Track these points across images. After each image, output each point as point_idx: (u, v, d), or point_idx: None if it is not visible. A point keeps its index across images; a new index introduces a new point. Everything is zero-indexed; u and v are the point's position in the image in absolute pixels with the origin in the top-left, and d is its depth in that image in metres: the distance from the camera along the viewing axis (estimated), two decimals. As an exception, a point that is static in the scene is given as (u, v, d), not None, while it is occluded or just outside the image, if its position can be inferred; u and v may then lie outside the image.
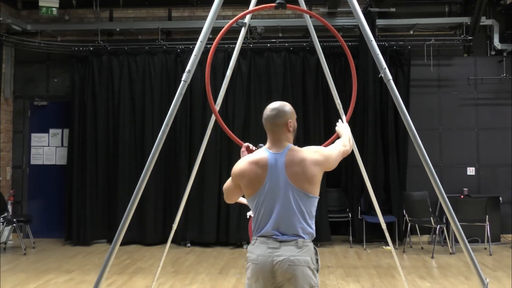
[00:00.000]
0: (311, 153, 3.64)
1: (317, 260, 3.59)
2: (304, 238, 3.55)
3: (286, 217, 3.56)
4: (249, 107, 11.65)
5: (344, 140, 4.06)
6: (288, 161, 3.60)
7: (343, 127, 4.33)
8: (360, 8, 4.60)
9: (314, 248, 3.60)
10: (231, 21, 4.98)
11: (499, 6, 11.97)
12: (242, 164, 3.74)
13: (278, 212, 3.58)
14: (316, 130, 11.50)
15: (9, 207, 11.70)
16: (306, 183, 3.56)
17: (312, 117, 11.54)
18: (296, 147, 3.71)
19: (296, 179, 3.56)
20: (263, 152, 3.73)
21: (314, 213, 3.67)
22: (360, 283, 8.26)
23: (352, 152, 6.27)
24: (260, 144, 6.39)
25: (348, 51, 5.31)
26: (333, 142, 4.52)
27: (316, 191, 3.63)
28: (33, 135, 12.67)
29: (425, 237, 11.64)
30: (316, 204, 3.66)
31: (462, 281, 8.35)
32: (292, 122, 3.75)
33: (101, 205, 11.77)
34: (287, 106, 3.82)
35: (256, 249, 3.59)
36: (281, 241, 3.52)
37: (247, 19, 5.95)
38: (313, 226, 3.65)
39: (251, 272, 3.58)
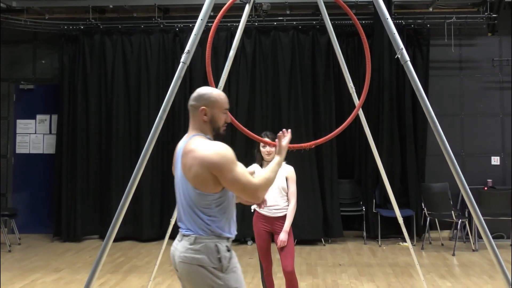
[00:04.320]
0: (204, 149, 3.53)
1: (219, 259, 3.52)
2: (199, 234, 3.55)
3: (183, 209, 3.66)
4: (253, 91, 11.64)
5: (264, 172, 3.74)
6: (184, 150, 3.64)
7: (282, 148, 3.97)
8: (375, -18, 4.58)
9: (215, 246, 3.53)
10: (233, -3, 4.96)
11: (527, -20, 11.92)
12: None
13: (179, 204, 3.71)
14: (327, 116, 11.49)
15: (-7, 200, 11.76)
16: (190, 178, 3.57)
17: (322, 102, 11.52)
18: (200, 139, 3.64)
19: (186, 171, 3.60)
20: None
21: (213, 208, 3.56)
22: (375, 283, 8.27)
23: (366, 140, 6.27)
24: (265, 132, 6.40)
25: (361, 30, 5.30)
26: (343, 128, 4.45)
27: (205, 188, 3.53)
28: (18, 121, 12.68)
29: (446, 233, 11.65)
30: (212, 199, 3.54)
31: (486, 281, 8.35)
32: (209, 112, 3.70)
33: (93, 198, 11.80)
34: (211, 93, 3.80)
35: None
36: (183, 235, 3.61)
37: (251, -5, 5.94)
38: (218, 223, 3.56)
39: None
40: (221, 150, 3.50)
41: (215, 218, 3.55)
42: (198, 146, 3.55)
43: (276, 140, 4.00)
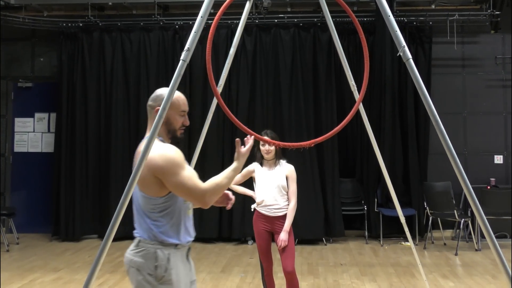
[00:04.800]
0: (151, 151, 3.45)
1: (155, 266, 3.47)
2: (144, 238, 3.57)
3: (134, 211, 3.67)
4: (254, 89, 11.64)
5: (216, 178, 3.66)
6: (137, 151, 3.66)
7: (241, 154, 3.86)
8: (377, -21, 4.57)
9: (155, 252, 3.50)
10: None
11: (530, -23, 11.91)
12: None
13: (133, 205, 3.70)
14: (328, 114, 11.48)
15: (-9, 199, 11.75)
16: (137, 180, 3.51)
17: (323, 100, 11.52)
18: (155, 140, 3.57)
19: None
20: None
21: (157, 213, 3.55)
22: (377, 283, 8.28)
23: (368, 139, 6.26)
24: (265, 131, 6.41)
25: (359, 26, 5.27)
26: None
27: (149, 191, 3.53)
28: (16, 119, 12.69)
29: (448, 232, 11.65)
30: (156, 203, 3.53)
31: (489, 280, 8.36)
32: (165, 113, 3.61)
33: (92, 197, 11.79)
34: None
35: None
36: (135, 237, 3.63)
37: (252, -8, 5.92)
38: (161, 229, 3.53)
39: None
40: (167, 153, 3.46)
41: (159, 223, 3.52)
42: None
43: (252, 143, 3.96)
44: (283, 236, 6.03)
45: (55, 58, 12.38)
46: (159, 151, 3.46)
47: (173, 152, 3.49)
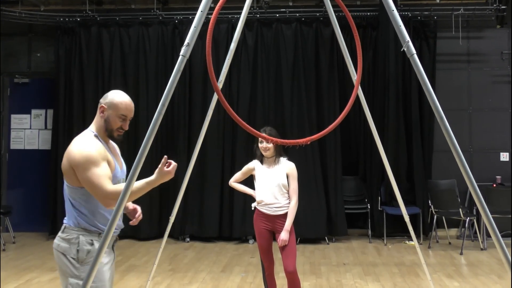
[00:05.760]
0: (74, 144, 3.84)
1: (77, 250, 3.79)
2: (69, 225, 3.85)
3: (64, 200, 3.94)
4: (255, 84, 11.63)
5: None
6: (69, 146, 3.87)
7: (162, 172, 4.06)
8: (381, -27, 4.56)
9: (78, 237, 3.80)
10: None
11: (537, -30, 11.89)
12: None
13: None
14: (330, 110, 11.47)
15: (-13, 197, 11.74)
16: (64, 171, 3.82)
17: (326, 95, 11.51)
18: (84, 134, 4.00)
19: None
20: None
21: (79, 202, 3.84)
22: (380, 282, 8.26)
23: (371, 136, 6.26)
24: (264, 128, 6.39)
25: (351, 20, 5.25)
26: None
27: (69, 181, 3.84)
28: (13, 116, 12.69)
29: (453, 231, 11.65)
30: (77, 193, 3.82)
31: (495, 280, 8.33)
32: (106, 111, 3.96)
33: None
34: (116, 96, 3.99)
35: None
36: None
37: (253, -14, 5.92)
38: (84, 217, 3.81)
39: None
40: (85, 148, 3.73)
41: (81, 212, 3.80)
42: (75, 139, 3.86)
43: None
44: (284, 236, 6.02)
45: (52, 53, 12.38)
46: (80, 145, 3.77)
47: (91, 149, 3.75)
